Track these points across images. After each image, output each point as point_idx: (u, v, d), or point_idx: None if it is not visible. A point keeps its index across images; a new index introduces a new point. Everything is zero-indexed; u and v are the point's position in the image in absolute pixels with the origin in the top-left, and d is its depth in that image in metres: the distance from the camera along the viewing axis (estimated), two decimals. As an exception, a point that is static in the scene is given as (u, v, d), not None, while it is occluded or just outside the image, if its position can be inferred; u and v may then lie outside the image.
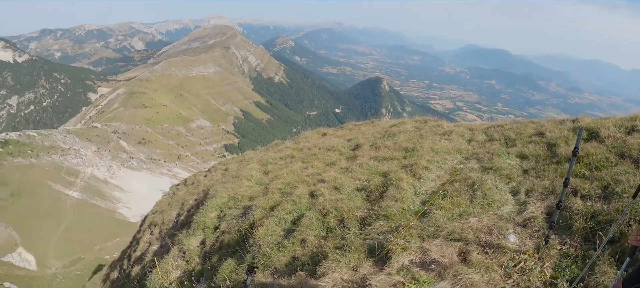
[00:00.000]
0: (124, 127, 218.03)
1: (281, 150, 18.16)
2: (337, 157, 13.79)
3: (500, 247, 5.87)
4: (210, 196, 15.03)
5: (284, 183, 12.14)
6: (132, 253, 20.97)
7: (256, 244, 8.91)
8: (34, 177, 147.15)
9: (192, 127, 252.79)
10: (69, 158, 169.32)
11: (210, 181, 19.97)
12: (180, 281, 11.32)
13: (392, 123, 17.35)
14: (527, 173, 8.47)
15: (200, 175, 25.39)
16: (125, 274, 18.88)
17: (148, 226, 22.05)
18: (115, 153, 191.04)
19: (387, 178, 9.54)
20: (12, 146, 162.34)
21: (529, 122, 11.91)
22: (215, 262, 10.21)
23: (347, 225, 7.94)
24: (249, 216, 10.84)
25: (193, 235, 12.94)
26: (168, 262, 12.47)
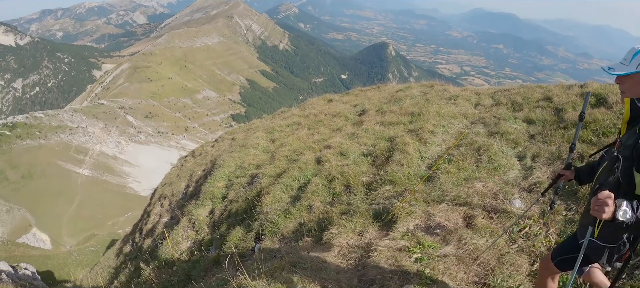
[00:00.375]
0: (130, 102, 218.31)
1: (287, 118, 18.16)
2: (343, 122, 13.77)
3: (506, 212, 5.89)
4: (217, 166, 15.08)
5: (290, 151, 12.16)
6: (144, 226, 21.11)
7: (263, 212, 8.97)
8: (43, 158, 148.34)
9: (198, 98, 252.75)
10: (77, 137, 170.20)
11: (218, 151, 20.00)
12: (191, 251, 11.45)
13: (398, 88, 17.26)
14: (533, 138, 8.44)
15: (207, 145, 25.42)
16: (138, 247, 19.04)
17: (158, 199, 22.16)
18: (122, 128, 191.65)
19: (393, 143, 9.53)
20: (20, 129, 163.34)
21: (537, 86, 11.75)
22: (224, 231, 10.30)
23: (353, 191, 7.97)
24: (256, 184, 10.89)
25: (202, 205, 13.03)
26: (178, 232, 12.59)
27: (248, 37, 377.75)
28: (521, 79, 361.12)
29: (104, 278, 19.07)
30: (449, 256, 5.21)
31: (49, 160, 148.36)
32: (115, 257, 23.98)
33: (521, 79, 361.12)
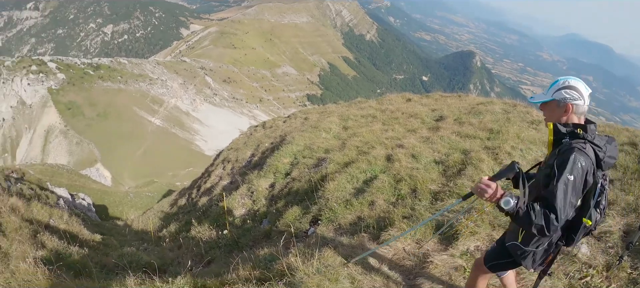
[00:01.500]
0: (211, 65, 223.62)
1: (363, 108, 17.98)
2: (419, 124, 13.49)
3: (571, 256, 5.53)
4: (286, 142, 15.14)
5: (361, 142, 12.00)
6: (202, 184, 21.54)
7: (324, 197, 8.87)
8: (120, 101, 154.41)
9: (277, 72, 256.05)
10: (156, 88, 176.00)
11: (289, 127, 20.10)
12: (244, 219, 11.56)
13: (479, 101, 16.76)
14: (611, 184, 7.86)
15: (279, 120, 25.63)
16: (192, 203, 19.47)
17: (221, 161, 22.54)
18: (199, 88, 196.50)
19: (467, 157, 9.21)
20: (103, 71, 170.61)
21: (624, 129, 11.06)
22: (281, 207, 10.31)
23: (419, 196, 7.74)
24: (322, 168, 10.83)
25: (263, 177, 13.10)
26: (235, 198, 12.72)
27: (336, 21, 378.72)
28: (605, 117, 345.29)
29: (154, 224, 19.55)
30: (505, 286, 4.98)
31: (125, 104, 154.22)
32: (169, 207, 24.63)
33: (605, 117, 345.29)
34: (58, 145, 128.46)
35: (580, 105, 3.38)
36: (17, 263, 6.08)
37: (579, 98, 3.37)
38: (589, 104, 3.43)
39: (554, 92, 3.45)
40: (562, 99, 3.41)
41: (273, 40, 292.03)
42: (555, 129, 3.41)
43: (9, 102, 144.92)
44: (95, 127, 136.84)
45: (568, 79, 3.43)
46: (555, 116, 3.49)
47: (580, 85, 3.39)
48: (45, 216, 11.69)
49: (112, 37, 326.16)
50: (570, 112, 3.41)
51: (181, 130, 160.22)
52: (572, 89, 3.38)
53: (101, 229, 18.00)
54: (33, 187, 21.05)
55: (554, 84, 3.49)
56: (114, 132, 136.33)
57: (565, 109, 3.41)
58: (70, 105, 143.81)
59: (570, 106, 3.39)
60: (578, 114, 3.42)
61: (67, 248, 8.34)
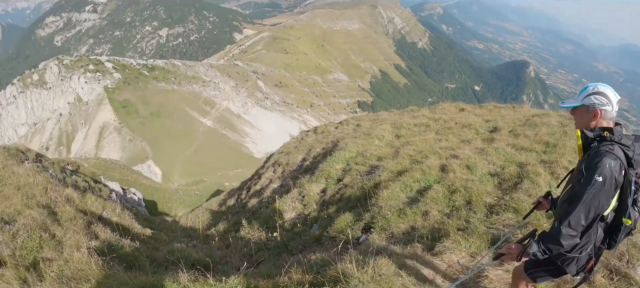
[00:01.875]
0: (263, 69, 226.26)
1: (416, 117, 17.88)
2: (473, 135, 13.33)
3: (627, 277, 5.33)
4: (339, 148, 15.18)
5: (415, 151, 11.94)
6: (252, 185, 21.75)
7: (377, 205, 8.85)
8: (173, 102, 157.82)
9: (329, 78, 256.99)
10: (208, 90, 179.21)
11: (341, 133, 20.14)
12: (294, 222, 11.64)
13: (534, 112, 16.43)
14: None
15: (330, 126, 25.68)
16: (241, 203, 19.67)
17: (272, 164, 22.74)
18: (251, 91, 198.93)
19: (523, 170, 9.03)
20: (158, 72, 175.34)
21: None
22: (332, 213, 10.35)
23: (474, 209, 7.62)
24: (375, 176, 10.81)
25: (315, 182, 13.17)
26: (286, 202, 12.84)
27: (388, 28, 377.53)
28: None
29: (203, 221, 19.79)
30: (561, 305, 4.88)
31: (177, 104, 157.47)
32: (218, 206, 24.96)
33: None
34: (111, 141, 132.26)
35: (609, 111, 3.48)
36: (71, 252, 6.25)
37: (607, 104, 3.46)
38: (617, 110, 3.51)
39: (584, 97, 3.54)
40: (591, 105, 3.51)
41: (325, 46, 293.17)
42: (582, 134, 3.54)
43: (66, 98, 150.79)
44: (148, 126, 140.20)
45: (598, 85, 3.52)
46: (584, 121, 3.59)
47: (609, 92, 3.47)
48: (99, 208, 12.02)
49: (167, 39, 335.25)
50: (598, 117, 3.51)
51: (232, 132, 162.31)
52: (601, 95, 3.47)
53: (151, 224, 18.41)
54: (87, 179, 21.66)
55: (584, 90, 3.57)
56: (166, 131, 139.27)
57: (594, 114, 3.51)
58: (125, 104, 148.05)
59: (599, 111, 3.49)
60: (607, 119, 3.51)
61: (119, 241, 8.54)
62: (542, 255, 3.52)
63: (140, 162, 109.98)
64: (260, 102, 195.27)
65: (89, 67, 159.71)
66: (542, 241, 3.50)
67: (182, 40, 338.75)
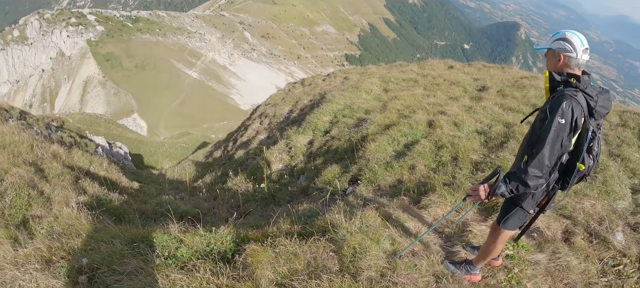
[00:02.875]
0: (250, 19, 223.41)
1: (405, 72, 17.87)
2: (461, 93, 13.38)
3: (606, 241, 5.46)
4: (326, 100, 15.17)
5: (403, 105, 11.97)
6: (239, 137, 21.71)
7: (365, 158, 8.90)
8: (158, 54, 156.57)
9: (317, 30, 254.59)
10: (193, 41, 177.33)
11: (328, 86, 20.07)
12: (281, 174, 11.69)
13: (523, 74, 16.56)
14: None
15: (318, 78, 25.56)
16: (228, 155, 19.67)
17: (258, 116, 22.68)
18: (237, 42, 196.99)
19: (509, 130, 9.11)
20: (142, 23, 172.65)
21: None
22: (319, 164, 10.38)
23: (460, 165, 7.68)
24: (363, 129, 10.84)
25: (302, 133, 13.19)
26: (273, 153, 12.87)
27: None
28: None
29: (190, 174, 19.81)
30: (539, 264, 4.99)
31: (162, 56, 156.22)
32: (204, 158, 24.96)
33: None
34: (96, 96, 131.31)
35: (573, 58, 3.61)
36: (60, 208, 6.24)
37: (572, 51, 3.59)
38: (586, 59, 3.63)
39: (552, 41, 3.71)
40: (557, 49, 3.67)
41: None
42: (550, 76, 3.70)
43: (48, 53, 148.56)
44: (133, 79, 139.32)
45: (567, 32, 3.66)
46: (552, 64, 3.76)
47: (576, 40, 3.59)
48: (86, 163, 11.95)
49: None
50: (562, 63, 3.67)
51: (218, 84, 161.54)
52: (566, 42, 3.61)
53: (138, 177, 18.38)
54: (73, 135, 21.57)
55: (556, 34, 3.73)
56: (151, 84, 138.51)
57: (558, 58, 3.68)
58: (109, 57, 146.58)
59: (562, 57, 3.65)
60: (572, 66, 3.64)
61: (108, 195, 8.55)
62: (510, 194, 3.70)
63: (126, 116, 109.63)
64: (246, 54, 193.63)
65: (71, 20, 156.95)
66: (509, 181, 3.66)
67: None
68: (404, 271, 4.52)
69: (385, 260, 4.67)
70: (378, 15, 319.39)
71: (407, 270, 4.56)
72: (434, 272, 4.68)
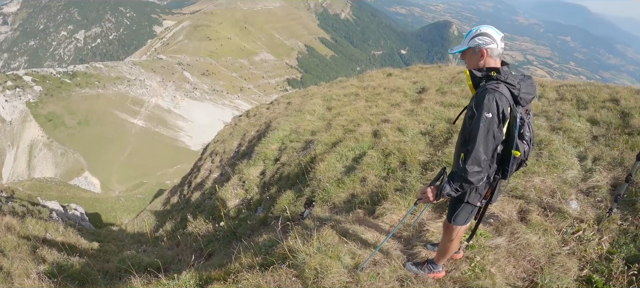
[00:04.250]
0: (188, 59, 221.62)
1: (345, 87, 18.04)
2: (402, 98, 13.60)
3: (561, 212, 5.68)
4: (272, 128, 15.16)
5: (347, 121, 12.09)
6: (193, 179, 21.48)
7: (316, 179, 8.96)
8: (100, 106, 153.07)
9: (255, 60, 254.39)
10: (134, 89, 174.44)
11: (273, 113, 20.08)
12: (238, 209, 11.59)
13: (460, 69, 16.90)
14: (596, 140, 8.09)
15: (262, 107, 25.57)
16: (185, 199, 19.43)
17: (209, 154, 22.50)
18: (179, 84, 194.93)
19: (452, 126, 9.35)
20: (80, 78, 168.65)
21: (604, 86, 11.24)
22: (274, 193, 10.37)
23: (409, 168, 7.84)
24: (311, 150, 10.90)
25: (253, 165, 13.14)
26: (227, 190, 12.76)
27: (310, 3, 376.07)
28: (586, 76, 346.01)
29: (150, 224, 19.49)
30: (500, 248, 5.12)
31: (105, 109, 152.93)
32: (162, 206, 24.54)
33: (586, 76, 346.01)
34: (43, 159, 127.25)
35: (495, 49, 3.73)
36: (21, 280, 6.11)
37: (491, 42, 3.72)
38: (502, 47, 3.77)
39: (469, 40, 3.80)
40: (476, 46, 3.76)
41: (248, 28, 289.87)
42: (471, 74, 3.80)
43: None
44: (78, 136, 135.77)
45: (480, 27, 3.80)
46: (473, 62, 3.85)
47: (491, 30, 3.75)
48: (41, 231, 11.59)
49: (85, 42, 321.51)
50: (486, 56, 3.76)
51: (165, 128, 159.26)
52: (484, 35, 3.74)
53: (97, 237, 17.92)
54: (24, 203, 20.87)
55: (469, 33, 3.83)
56: (98, 139, 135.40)
57: (481, 54, 3.77)
58: (51, 117, 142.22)
59: (485, 51, 3.74)
60: (493, 56, 3.77)
61: (68, 260, 8.37)
62: (456, 192, 3.80)
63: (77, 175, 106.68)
64: (189, 94, 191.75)
65: (7, 83, 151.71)
66: (452, 180, 3.76)
67: (100, 40, 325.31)
68: (368, 281, 4.59)
69: (347, 275, 4.72)
70: (313, 35, 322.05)
71: (371, 280, 4.62)
72: (398, 277, 4.74)
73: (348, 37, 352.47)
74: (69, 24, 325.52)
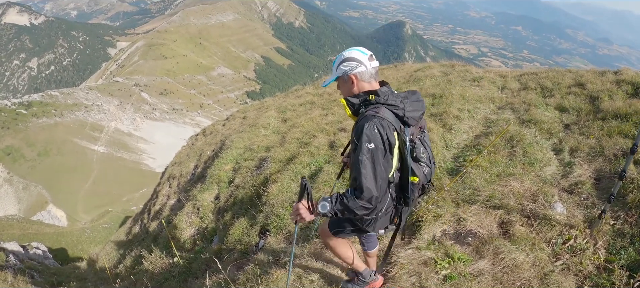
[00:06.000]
0: (145, 80, 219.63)
1: (301, 96, 17.43)
2: (358, 103, 12.94)
3: (547, 219, 4.91)
4: (226, 147, 14.46)
5: (302, 133, 11.39)
6: (152, 207, 20.61)
7: (270, 203, 8.14)
8: (59, 136, 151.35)
9: (213, 75, 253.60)
10: (93, 114, 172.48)
11: (228, 130, 19.41)
12: (194, 239, 10.83)
13: (416, 67, 16.45)
14: (569, 129, 7.54)
15: (219, 124, 24.82)
16: (145, 229, 18.53)
17: (167, 179, 21.70)
18: (137, 105, 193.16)
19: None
20: (36, 107, 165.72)
21: (567, 71, 10.85)
22: (228, 220, 9.58)
23: (371, 184, 7.11)
24: (264, 169, 10.18)
25: (207, 189, 12.37)
26: (182, 218, 11.92)
27: (263, 14, 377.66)
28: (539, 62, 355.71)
29: (111, 260, 18.65)
30: (483, 274, 4.33)
31: (64, 137, 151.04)
32: (125, 236, 23.58)
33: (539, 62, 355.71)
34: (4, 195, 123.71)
35: (364, 71, 3.42)
36: None
37: (358, 65, 3.41)
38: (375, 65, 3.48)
39: (336, 69, 3.51)
40: (344, 73, 3.46)
41: (203, 43, 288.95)
42: (347, 103, 3.46)
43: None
44: (39, 168, 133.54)
45: (344, 53, 3.50)
46: (346, 90, 3.53)
47: (356, 53, 3.45)
48: None
49: (38, 70, 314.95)
50: (357, 82, 3.45)
51: (127, 153, 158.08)
52: (349, 61, 3.44)
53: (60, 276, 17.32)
54: (-23, 249, 19.84)
55: (335, 62, 3.56)
56: (59, 169, 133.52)
57: (351, 81, 3.46)
58: (9, 151, 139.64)
59: (353, 77, 3.44)
60: (366, 80, 3.45)
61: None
62: (333, 215, 3.32)
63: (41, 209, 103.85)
64: (148, 115, 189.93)
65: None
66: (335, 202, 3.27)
67: (54, 67, 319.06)
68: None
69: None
70: (269, 46, 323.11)
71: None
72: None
73: (304, 45, 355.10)
74: (20, 52, 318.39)
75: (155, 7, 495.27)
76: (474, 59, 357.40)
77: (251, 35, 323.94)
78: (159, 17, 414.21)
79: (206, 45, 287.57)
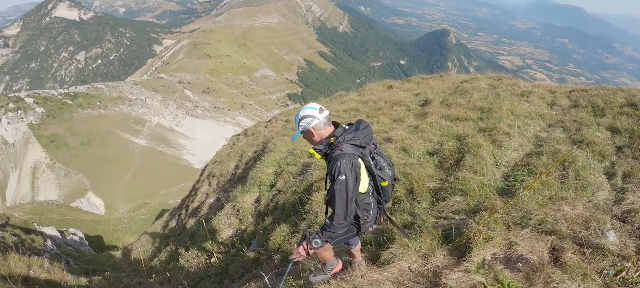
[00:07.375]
0: (188, 77, 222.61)
1: (345, 102, 17.26)
2: (404, 112, 12.68)
3: (599, 248, 4.55)
4: (268, 150, 14.41)
5: (347, 140, 11.16)
6: (190, 203, 20.73)
7: (312, 211, 7.99)
8: (103, 127, 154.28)
9: (255, 76, 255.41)
10: (136, 108, 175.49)
11: (270, 133, 19.36)
12: (232, 241, 10.73)
13: (462, 78, 16.06)
14: (621, 152, 7.16)
15: (260, 125, 24.83)
16: (182, 225, 18.64)
17: (207, 176, 21.79)
18: (180, 102, 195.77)
19: (462, 143, 8.38)
20: (82, 98, 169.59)
21: (618, 89, 10.26)
22: (269, 225, 9.49)
23: (417, 198, 6.81)
24: (307, 175, 10.04)
25: (248, 191, 12.31)
26: (221, 219, 11.90)
27: (307, 17, 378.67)
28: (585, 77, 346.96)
29: (146, 251, 18.87)
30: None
31: (108, 129, 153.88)
32: (162, 230, 23.81)
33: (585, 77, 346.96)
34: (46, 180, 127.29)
35: (319, 123, 4.03)
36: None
37: (312, 119, 4.03)
38: (326, 114, 4.08)
39: (298, 126, 4.13)
40: (304, 128, 4.09)
41: (247, 44, 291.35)
42: (316, 150, 4.06)
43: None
44: (82, 157, 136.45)
45: (300, 112, 4.12)
46: (312, 141, 4.16)
47: (308, 110, 4.06)
48: (24, 268, 11.10)
49: (85, 63, 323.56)
50: (315, 132, 4.07)
51: (168, 147, 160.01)
52: (305, 118, 4.06)
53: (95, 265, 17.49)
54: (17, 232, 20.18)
55: (296, 120, 4.15)
56: (101, 159, 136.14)
57: (311, 133, 4.09)
58: (53, 138, 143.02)
59: (312, 130, 4.07)
60: (322, 128, 4.06)
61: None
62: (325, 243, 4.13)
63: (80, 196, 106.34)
64: (191, 112, 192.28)
65: (9, 106, 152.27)
66: (322, 233, 4.04)
67: (101, 61, 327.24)
68: None
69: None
70: (312, 49, 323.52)
71: None
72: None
73: (347, 50, 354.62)
74: (69, 45, 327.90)
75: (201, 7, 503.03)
76: (518, 70, 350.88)
77: (295, 38, 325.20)
78: (205, 17, 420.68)
79: (250, 47, 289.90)
